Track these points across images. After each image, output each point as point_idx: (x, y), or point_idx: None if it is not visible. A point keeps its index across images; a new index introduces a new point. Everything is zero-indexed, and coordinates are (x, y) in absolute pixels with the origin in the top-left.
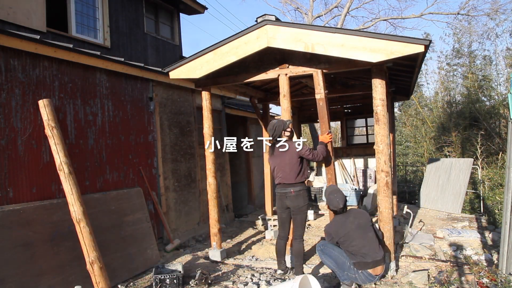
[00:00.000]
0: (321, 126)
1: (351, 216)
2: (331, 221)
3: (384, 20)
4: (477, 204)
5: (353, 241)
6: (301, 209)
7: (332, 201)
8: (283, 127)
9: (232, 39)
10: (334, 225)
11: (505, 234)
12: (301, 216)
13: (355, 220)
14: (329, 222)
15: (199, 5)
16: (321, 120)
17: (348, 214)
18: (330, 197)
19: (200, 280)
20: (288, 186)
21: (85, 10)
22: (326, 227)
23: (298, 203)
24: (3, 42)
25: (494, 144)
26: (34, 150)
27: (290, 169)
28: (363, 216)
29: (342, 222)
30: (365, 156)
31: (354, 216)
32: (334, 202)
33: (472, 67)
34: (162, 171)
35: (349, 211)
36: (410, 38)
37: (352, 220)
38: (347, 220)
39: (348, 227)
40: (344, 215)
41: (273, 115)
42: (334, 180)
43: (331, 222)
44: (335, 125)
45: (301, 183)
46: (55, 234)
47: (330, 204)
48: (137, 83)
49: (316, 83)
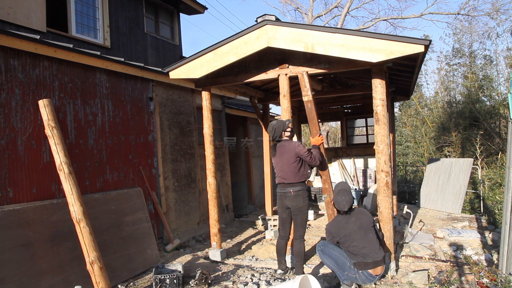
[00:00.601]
0: (311, 128)
1: (354, 217)
2: (333, 220)
3: (384, 20)
4: (477, 204)
5: (354, 241)
6: (301, 209)
7: (339, 202)
8: (282, 128)
9: (232, 39)
10: (335, 225)
11: (505, 234)
12: (301, 217)
13: (357, 221)
14: (331, 221)
15: (199, 5)
16: (311, 122)
17: (351, 214)
18: (338, 198)
19: (200, 280)
20: (287, 186)
21: (85, 10)
22: (327, 225)
23: (297, 203)
24: (3, 42)
25: (494, 144)
26: (34, 150)
27: (288, 169)
28: (365, 217)
29: (344, 222)
30: (365, 156)
31: (356, 216)
32: (341, 204)
33: (472, 67)
34: (162, 171)
35: (352, 211)
36: (410, 38)
37: (354, 221)
38: (349, 220)
39: (350, 228)
40: (346, 215)
41: (273, 115)
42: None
43: (332, 221)
44: (335, 125)
45: (301, 183)
46: (55, 234)
47: (336, 204)
48: (137, 83)
49: (303, 85)
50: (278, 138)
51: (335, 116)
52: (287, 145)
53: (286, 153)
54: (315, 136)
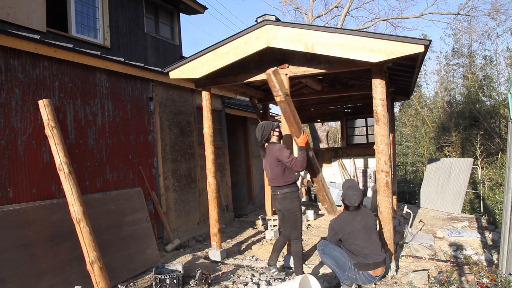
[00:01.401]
0: (290, 128)
1: (359, 216)
2: (338, 216)
3: (384, 20)
4: (477, 204)
5: (356, 240)
6: (290, 211)
7: (350, 197)
8: (271, 128)
9: (232, 39)
10: (340, 221)
11: (505, 234)
12: (292, 218)
13: (362, 220)
14: (336, 217)
15: (199, 5)
16: (288, 122)
17: (357, 213)
18: (349, 192)
19: (200, 280)
20: (276, 188)
21: (85, 10)
22: (332, 221)
23: (285, 206)
24: (3, 42)
25: (494, 144)
26: (34, 150)
27: (272, 171)
28: (370, 218)
29: (349, 220)
30: (365, 156)
31: (362, 216)
32: (352, 199)
33: (472, 67)
34: (162, 171)
35: (359, 210)
36: (410, 38)
37: (359, 220)
38: (355, 218)
39: (355, 226)
40: (352, 212)
41: (273, 115)
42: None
43: (338, 217)
44: (335, 125)
45: (289, 185)
46: (55, 234)
47: (347, 199)
48: (137, 83)
49: (272, 86)
50: (266, 139)
51: (335, 116)
52: (272, 148)
53: (271, 155)
54: (300, 136)
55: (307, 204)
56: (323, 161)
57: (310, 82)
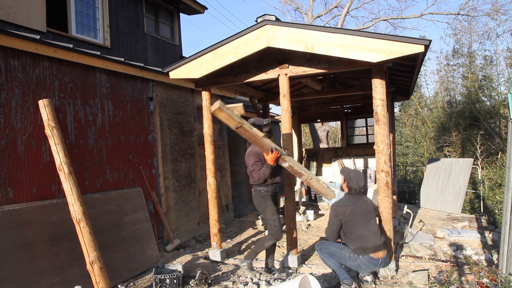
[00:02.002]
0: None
1: (361, 200)
2: (340, 198)
3: (384, 20)
4: (477, 204)
5: (356, 223)
6: (260, 210)
7: (352, 180)
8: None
9: (232, 39)
10: (342, 202)
11: (505, 234)
12: (264, 216)
13: (363, 205)
14: (337, 200)
15: (199, 5)
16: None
17: (359, 197)
18: (351, 175)
19: (200, 280)
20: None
21: (85, 10)
22: (333, 204)
23: (255, 203)
24: (3, 42)
25: (494, 144)
26: (34, 150)
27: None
28: (370, 205)
29: (351, 202)
30: (365, 156)
31: (363, 200)
32: (354, 181)
33: (472, 67)
34: (162, 171)
35: (360, 195)
36: (410, 38)
37: (361, 204)
38: (356, 202)
39: (356, 208)
40: (355, 196)
41: (273, 115)
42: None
43: (339, 199)
44: (335, 125)
45: (258, 185)
46: (55, 234)
47: (350, 182)
48: (137, 83)
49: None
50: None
51: (335, 116)
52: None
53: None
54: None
55: (307, 204)
56: (323, 161)
57: (310, 82)
